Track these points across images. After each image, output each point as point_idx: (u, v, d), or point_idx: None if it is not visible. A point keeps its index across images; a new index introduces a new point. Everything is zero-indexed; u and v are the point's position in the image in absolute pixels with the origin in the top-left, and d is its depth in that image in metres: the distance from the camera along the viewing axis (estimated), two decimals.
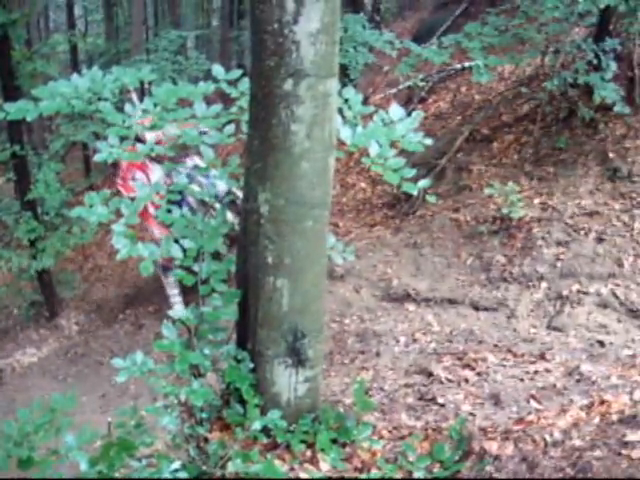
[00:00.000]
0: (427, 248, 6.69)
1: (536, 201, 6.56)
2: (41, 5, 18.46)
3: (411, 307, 5.90)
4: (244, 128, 3.54)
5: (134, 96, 7.55)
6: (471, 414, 3.70)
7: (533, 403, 3.78)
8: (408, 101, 10.18)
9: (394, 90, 11.72)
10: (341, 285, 6.31)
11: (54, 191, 10.02)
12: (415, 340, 5.23)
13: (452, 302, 5.85)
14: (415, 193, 3.33)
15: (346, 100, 3.60)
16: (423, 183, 3.32)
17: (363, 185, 8.86)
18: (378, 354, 5.11)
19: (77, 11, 22.06)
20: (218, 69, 3.68)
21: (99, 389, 7.11)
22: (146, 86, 11.93)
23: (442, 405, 3.88)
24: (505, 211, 6.41)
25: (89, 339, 8.97)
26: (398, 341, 5.26)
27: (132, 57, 13.96)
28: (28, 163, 10.26)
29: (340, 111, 3.34)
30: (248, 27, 21.77)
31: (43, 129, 16.13)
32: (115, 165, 7.62)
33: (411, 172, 3.27)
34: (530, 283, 5.83)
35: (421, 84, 9.82)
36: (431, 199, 3.57)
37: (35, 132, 15.56)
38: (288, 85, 2.72)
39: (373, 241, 7.20)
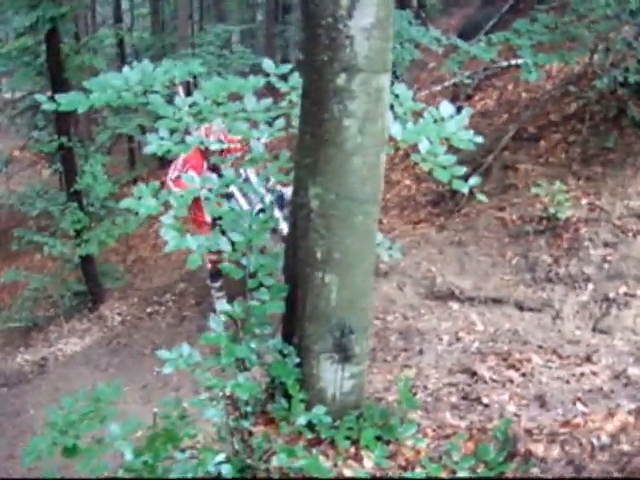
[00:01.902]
0: (472, 246, 6.63)
1: (583, 201, 6.47)
2: None
3: (455, 306, 5.86)
4: (294, 122, 3.55)
5: (180, 90, 7.59)
6: (516, 415, 3.67)
7: (579, 406, 3.73)
8: (454, 98, 10.08)
9: (439, 87, 11.65)
10: (385, 282, 6.28)
11: (100, 183, 10.14)
12: (459, 339, 5.20)
13: (496, 301, 5.80)
14: (465, 191, 3.30)
15: (396, 96, 3.59)
16: (473, 181, 3.29)
17: (407, 182, 8.82)
18: (421, 352, 5.09)
19: (124, 5, 22.27)
20: (268, 63, 3.68)
21: (141, 380, 7.17)
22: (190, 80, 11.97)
23: (486, 405, 3.85)
24: (552, 211, 6.33)
25: (131, 330, 9.04)
26: (441, 339, 5.24)
27: (178, 51, 14.05)
28: (75, 155, 10.38)
29: (390, 107, 3.32)
30: (293, 22, 21.91)
31: (89, 121, 16.32)
32: (168, 163, 7.68)
33: (461, 170, 3.25)
34: (576, 284, 5.75)
35: (467, 81, 9.74)
36: (481, 197, 3.54)
37: (81, 124, 15.73)
38: (341, 80, 2.72)
39: (417, 238, 7.15)
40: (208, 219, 7.01)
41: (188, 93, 7.74)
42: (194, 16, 19.96)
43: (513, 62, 9.91)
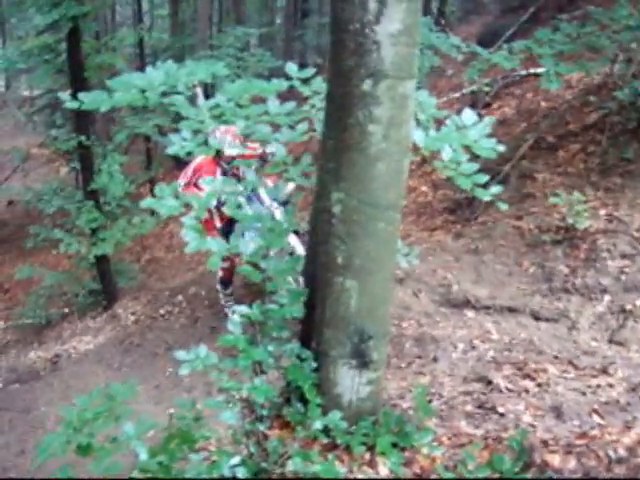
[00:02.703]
0: (488, 255, 6.61)
1: (602, 212, 6.44)
2: None
3: (470, 314, 5.84)
4: (317, 127, 3.56)
5: (199, 91, 7.60)
6: (531, 425, 3.65)
7: (596, 418, 3.70)
8: (472, 106, 10.06)
9: (458, 94, 11.64)
10: (400, 288, 6.26)
11: (117, 182, 10.17)
12: (474, 347, 5.18)
13: (512, 311, 5.77)
14: (487, 199, 3.29)
15: (419, 103, 3.58)
16: (495, 190, 3.28)
17: (424, 189, 8.81)
18: (435, 359, 5.07)
19: (144, 5, 22.37)
20: (291, 66, 3.68)
21: (153, 380, 7.17)
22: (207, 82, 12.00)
23: (502, 415, 3.82)
24: (570, 221, 6.30)
25: (144, 330, 9.05)
26: (456, 347, 5.21)
27: (197, 53, 14.10)
28: (93, 153, 10.41)
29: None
30: (311, 26, 21.95)
31: (107, 120, 16.38)
32: (184, 164, 7.66)
33: (484, 178, 3.24)
34: (593, 295, 5.72)
35: (486, 89, 9.73)
36: (502, 206, 3.53)
37: (99, 123, 15.80)
38: (367, 85, 2.71)
39: (433, 245, 7.14)
40: (218, 224, 7.03)
41: (206, 94, 7.77)
42: (213, 18, 20.04)
43: (532, 71, 9.90)
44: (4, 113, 27.37)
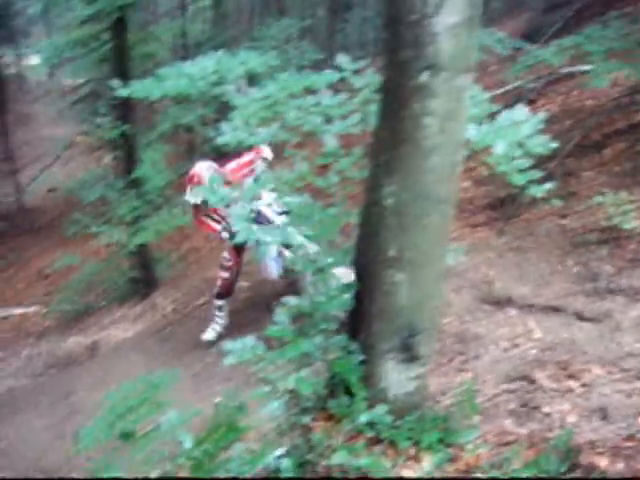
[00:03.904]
0: (531, 253, 6.53)
1: None
2: None
3: (512, 312, 5.76)
4: (367, 119, 3.54)
5: (243, 83, 7.59)
6: (577, 426, 3.61)
7: None
8: (516, 103, 9.96)
9: (501, 90, 11.51)
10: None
11: (159, 172, 10.22)
12: (516, 345, 5.12)
13: (555, 310, 5.68)
14: (538, 196, 3.26)
15: (471, 97, 3.55)
16: (549, 186, 3.25)
17: (466, 185, 8.71)
18: (477, 357, 5.03)
19: None
20: (343, 59, 3.67)
21: (190, 369, 7.21)
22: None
23: (547, 414, 3.79)
24: (615, 221, 6.20)
25: (183, 319, 9.10)
26: (498, 345, 5.17)
27: (239, 45, 14.12)
28: (136, 143, 10.48)
29: None
30: (354, 19, 21.92)
31: (149, 110, 16.42)
32: (224, 155, 7.67)
33: (537, 174, 3.21)
34: (638, 296, 5.63)
35: (530, 86, 9.61)
36: (556, 202, 3.50)
37: (141, 112, 15.86)
38: (423, 78, 2.68)
39: (475, 242, 7.07)
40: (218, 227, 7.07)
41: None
42: (255, 10, 20.08)
43: (577, 68, 9.76)
44: (46, 101, 27.71)
